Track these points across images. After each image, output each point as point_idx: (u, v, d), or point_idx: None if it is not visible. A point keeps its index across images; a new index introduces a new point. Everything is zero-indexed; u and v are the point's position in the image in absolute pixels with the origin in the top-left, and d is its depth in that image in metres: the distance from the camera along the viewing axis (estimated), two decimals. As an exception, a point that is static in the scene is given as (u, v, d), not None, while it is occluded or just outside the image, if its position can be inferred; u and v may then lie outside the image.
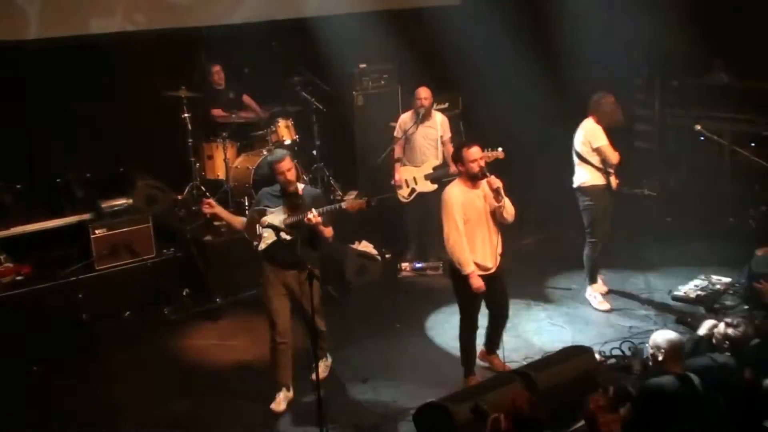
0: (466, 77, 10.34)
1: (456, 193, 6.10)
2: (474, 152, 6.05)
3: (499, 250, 6.27)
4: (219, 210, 6.29)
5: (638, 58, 10.84)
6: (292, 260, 5.99)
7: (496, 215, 6.16)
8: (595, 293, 7.78)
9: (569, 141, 7.72)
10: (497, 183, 6.04)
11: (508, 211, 6.14)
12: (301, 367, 6.34)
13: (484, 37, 10.40)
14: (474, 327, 6.39)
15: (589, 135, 7.46)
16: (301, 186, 6.27)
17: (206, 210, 6.27)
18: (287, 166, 6.05)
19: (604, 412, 4.72)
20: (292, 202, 6.10)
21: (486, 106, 9.99)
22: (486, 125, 9.68)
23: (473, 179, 6.09)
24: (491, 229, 6.19)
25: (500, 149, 7.26)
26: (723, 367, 5.39)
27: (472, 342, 6.43)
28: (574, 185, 7.65)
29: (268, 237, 6.02)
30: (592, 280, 7.82)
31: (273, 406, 6.23)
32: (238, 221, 6.32)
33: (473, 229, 6.10)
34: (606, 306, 7.68)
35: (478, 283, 6.08)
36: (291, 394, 6.32)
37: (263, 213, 6.11)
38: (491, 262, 6.21)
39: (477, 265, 6.11)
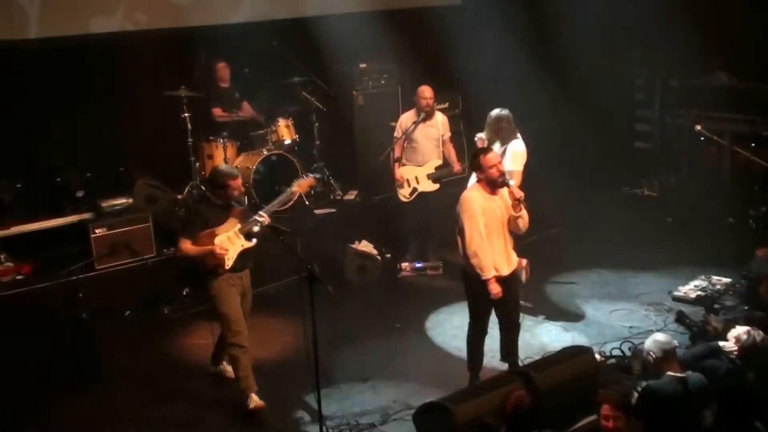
0: (466, 77, 10.34)
1: (477, 197, 6.06)
2: (491, 158, 6.03)
3: (514, 256, 6.26)
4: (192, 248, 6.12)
5: (639, 58, 10.86)
6: (244, 264, 6.19)
7: (510, 224, 6.15)
8: None
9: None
10: (520, 193, 6.05)
11: (525, 221, 6.14)
12: (299, 367, 6.33)
13: (485, 37, 10.41)
14: (483, 332, 6.34)
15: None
16: None
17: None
18: (238, 184, 6.16)
19: (610, 407, 4.75)
20: (238, 210, 6.20)
21: (486, 107, 9.96)
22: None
23: (493, 185, 6.05)
24: (506, 236, 6.18)
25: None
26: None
27: (479, 347, 6.38)
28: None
29: (233, 252, 6.09)
30: None
31: (254, 406, 6.17)
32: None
33: (491, 234, 6.07)
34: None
35: (496, 289, 6.05)
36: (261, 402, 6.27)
37: (213, 234, 6.06)
38: (506, 269, 6.18)
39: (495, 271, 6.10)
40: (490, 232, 6.06)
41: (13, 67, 8.40)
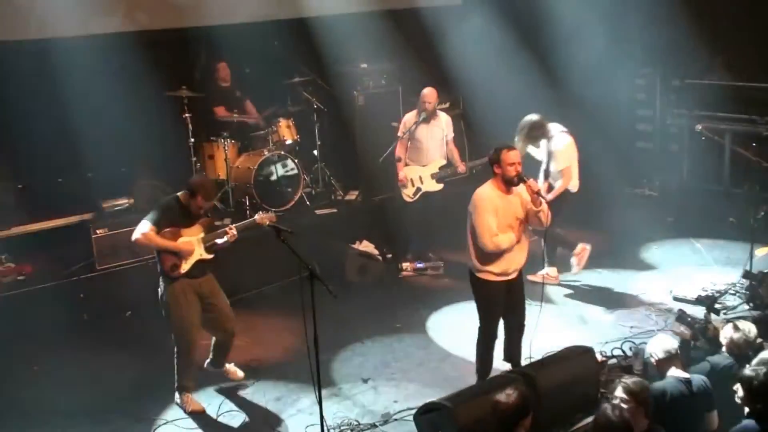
0: (467, 77, 10.34)
1: (490, 195, 5.95)
2: (513, 156, 5.90)
3: (524, 255, 6.17)
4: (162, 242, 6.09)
5: (639, 57, 10.85)
6: (203, 270, 6.23)
7: (531, 220, 6.07)
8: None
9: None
10: (537, 186, 5.98)
11: (546, 215, 6.03)
12: (299, 367, 6.33)
13: (485, 37, 10.41)
14: (494, 335, 6.28)
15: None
16: None
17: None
18: (211, 205, 6.54)
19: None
20: (206, 220, 6.31)
21: (487, 106, 9.99)
22: (486, 125, 9.68)
23: (508, 183, 5.94)
24: (520, 234, 6.07)
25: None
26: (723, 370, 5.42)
27: (489, 351, 6.31)
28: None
29: (191, 258, 6.13)
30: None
31: (194, 407, 6.28)
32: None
33: (504, 233, 5.96)
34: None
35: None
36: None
37: (178, 234, 6.10)
38: (516, 268, 6.14)
39: (501, 271, 6.04)
40: (502, 230, 5.96)
41: (13, 67, 8.41)
